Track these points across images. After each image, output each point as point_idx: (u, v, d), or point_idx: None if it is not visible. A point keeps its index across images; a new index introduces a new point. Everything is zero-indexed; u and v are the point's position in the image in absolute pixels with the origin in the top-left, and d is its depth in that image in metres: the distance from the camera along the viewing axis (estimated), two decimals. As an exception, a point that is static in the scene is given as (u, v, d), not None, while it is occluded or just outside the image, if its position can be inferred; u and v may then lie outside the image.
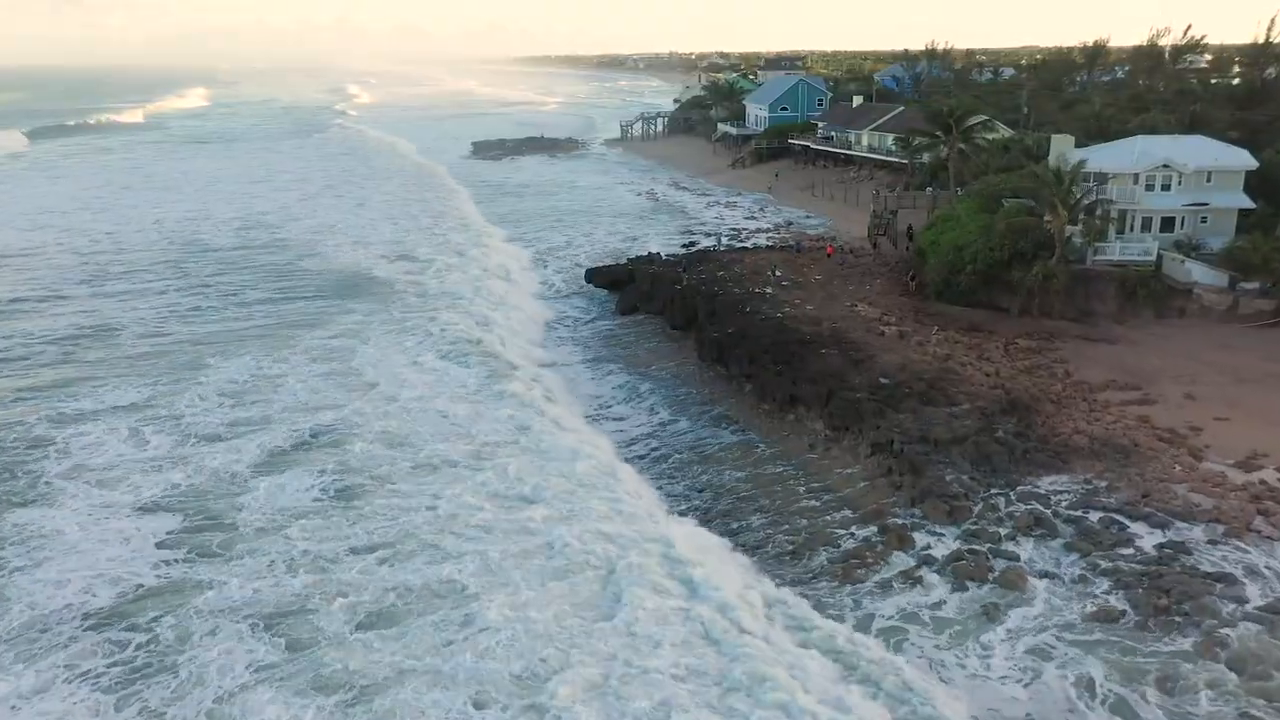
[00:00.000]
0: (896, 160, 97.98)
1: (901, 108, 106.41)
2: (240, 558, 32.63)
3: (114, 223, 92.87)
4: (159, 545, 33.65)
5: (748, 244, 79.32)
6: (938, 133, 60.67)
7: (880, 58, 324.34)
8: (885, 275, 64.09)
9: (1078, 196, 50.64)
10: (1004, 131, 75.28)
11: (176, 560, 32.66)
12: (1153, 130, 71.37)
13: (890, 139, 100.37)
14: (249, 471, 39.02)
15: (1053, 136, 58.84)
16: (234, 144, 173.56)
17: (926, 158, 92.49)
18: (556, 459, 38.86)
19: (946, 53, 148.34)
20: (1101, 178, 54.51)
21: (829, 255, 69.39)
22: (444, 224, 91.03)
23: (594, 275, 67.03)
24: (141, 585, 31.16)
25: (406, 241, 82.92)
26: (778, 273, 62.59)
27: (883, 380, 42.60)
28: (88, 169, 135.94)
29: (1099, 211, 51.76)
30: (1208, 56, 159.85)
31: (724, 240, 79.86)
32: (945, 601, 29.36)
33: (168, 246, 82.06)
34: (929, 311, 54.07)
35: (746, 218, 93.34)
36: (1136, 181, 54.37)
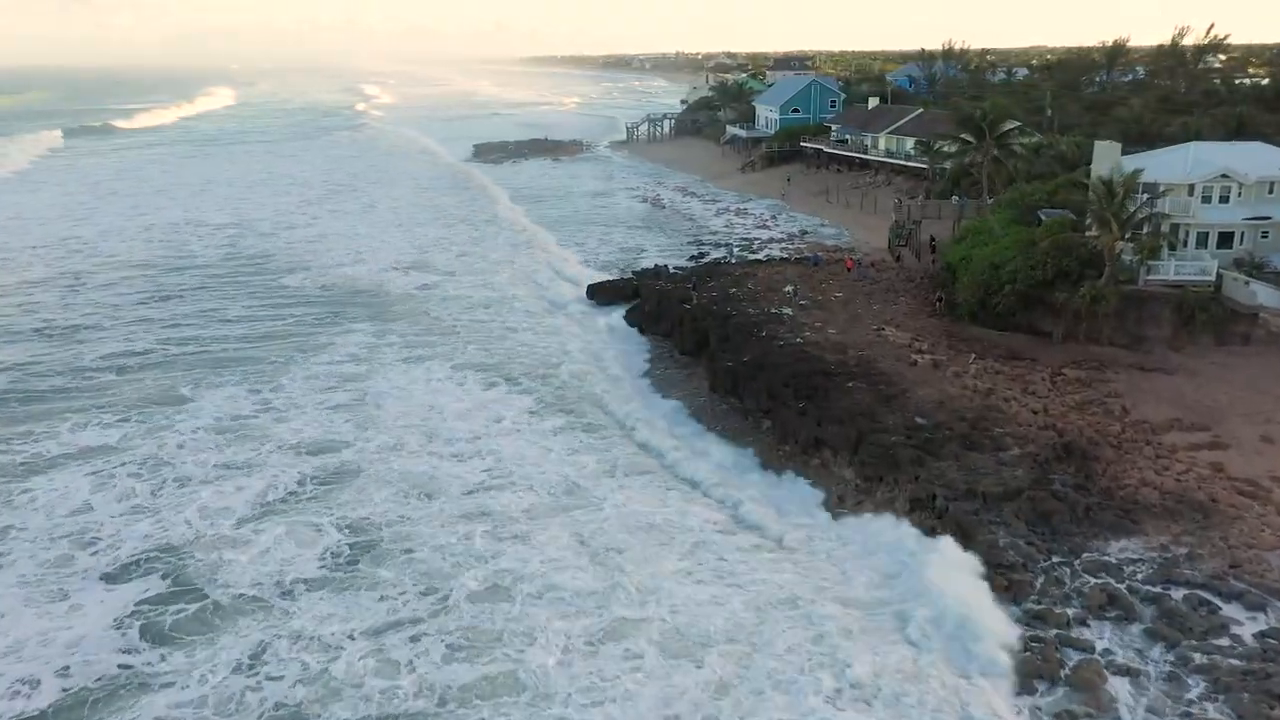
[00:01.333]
0: (916, 165, 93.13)
1: (920, 110, 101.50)
2: (218, 641, 28.02)
3: (103, 228, 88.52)
4: (118, 624, 29.06)
5: (760, 255, 74.49)
6: (967, 137, 55.48)
7: (889, 58, 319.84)
8: (911, 292, 59.22)
9: (1131, 210, 45.70)
10: (1029, 136, 70.10)
11: (139, 647, 28.02)
12: (1197, 135, 66.52)
13: (909, 143, 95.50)
14: (237, 528, 34.46)
15: (1096, 143, 53.89)
16: (275, 144, 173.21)
17: (949, 163, 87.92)
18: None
19: (964, 52, 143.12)
20: (1151, 188, 49.56)
21: (849, 269, 64.54)
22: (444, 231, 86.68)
23: (596, 291, 62.24)
24: (92, 682, 26.45)
25: (406, 249, 78.61)
26: (795, 290, 57.79)
27: (919, 420, 37.74)
28: (105, 170, 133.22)
29: (1154, 227, 46.81)
30: (1221, 56, 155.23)
31: (735, 251, 75.03)
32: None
33: (182, 256, 77.79)
34: (963, 336, 49.16)
35: (758, 226, 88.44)
36: (1191, 193, 49.43)
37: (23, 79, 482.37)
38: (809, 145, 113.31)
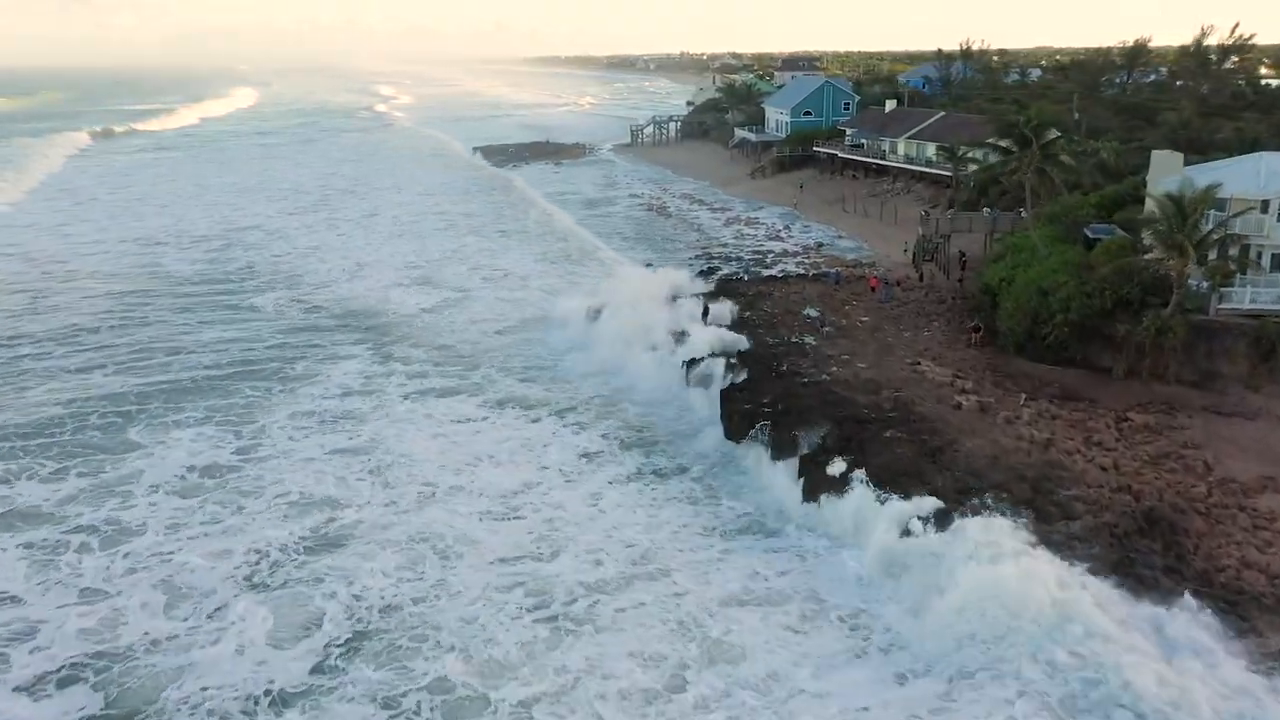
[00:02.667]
0: (938, 172, 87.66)
1: (941, 113, 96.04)
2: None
3: (85, 238, 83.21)
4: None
5: (774, 270, 69.08)
6: (1009, 146, 50.01)
7: (895, 58, 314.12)
8: (943, 316, 53.80)
9: (1204, 231, 40.26)
10: (1077, 144, 64.38)
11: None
12: (1255, 143, 61.06)
13: (930, 148, 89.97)
14: (203, 620, 28.90)
15: (1154, 153, 48.47)
16: (308, 144, 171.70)
17: (985, 173, 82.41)
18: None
19: (982, 53, 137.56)
20: (1219, 204, 44.09)
21: (872, 289, 59.12)
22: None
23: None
24: None
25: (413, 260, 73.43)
26: (821, 318, 52.45)
27: (972, 482, 32.31)
28: (131, 173, 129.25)
29: (1225, 249, 41.37)
30: (1233, 57, 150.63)
31: (748, 267, 69.51)
32: None
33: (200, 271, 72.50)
34: (1009, 372, 43.73)
35: (770, 237, 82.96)
36: (1266, 209, 43.93)
37: (30, 80, 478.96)
38: (822, 150, 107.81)
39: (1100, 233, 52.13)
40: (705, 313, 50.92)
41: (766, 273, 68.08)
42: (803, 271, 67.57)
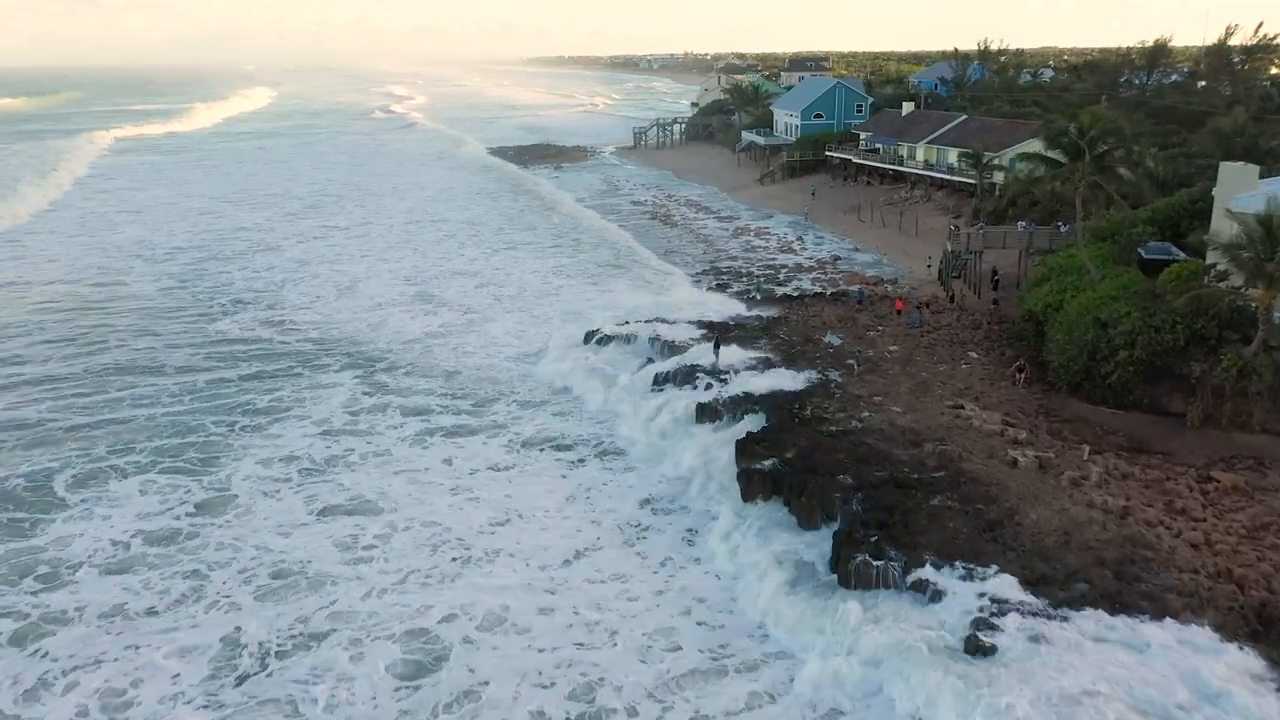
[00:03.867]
0: (960, 180, 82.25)
1: (963, 116, 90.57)
2: None
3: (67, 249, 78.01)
4: None
5: (789, 288, 63.67)
6: (1057, 157, 44.48)
7: (900, 58, 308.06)
8: (979, 344, 48.38)
9: (1295, 258, 34.80)
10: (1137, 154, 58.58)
11: None
12: (1319, 150, 55.55)
13: (952, 154, 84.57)
14: None
15: (1223, 165, 42.98)
16: (330, 142, 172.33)
17: (1000, 178, 77.14)
18: None
19: (1000, 53, 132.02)
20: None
21: (898, 312, 53.71)
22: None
23: (593, 337, 51.34)
24: None
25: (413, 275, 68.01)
26: (838, 341, 47.18)
27: (1043, 567, 26.88)
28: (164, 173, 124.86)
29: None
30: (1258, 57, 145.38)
31: (760, 284, 64.06)
32: None
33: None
34: (1064, 416, 38.28)
35: (782, 249, 77.51)
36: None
37: (45, 79, 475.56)
38: (835, 155, 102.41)
39: (1155, 253, 46.78)
40: (717, 346, 45.46)
41: (780, 290, 62.69)
42: (820, 290, 62.15)
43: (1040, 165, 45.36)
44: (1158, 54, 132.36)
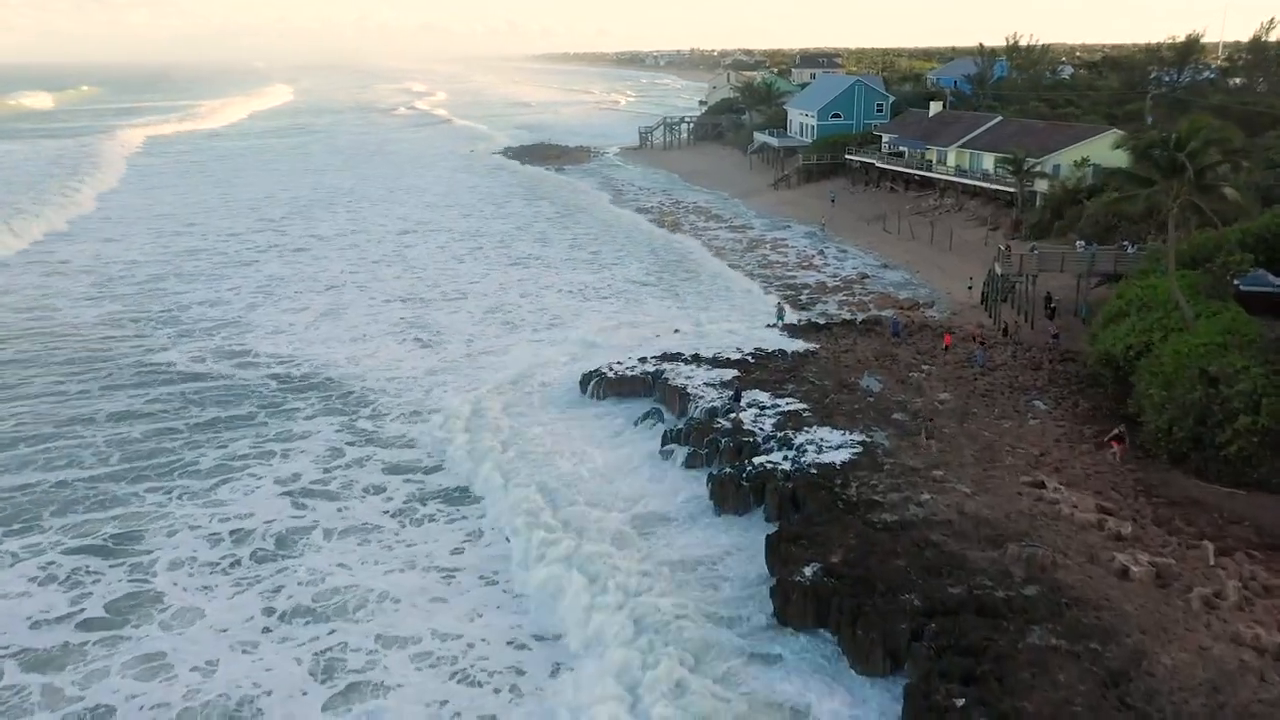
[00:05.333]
0: (997, 188, 74.88)
1: (998, 117, 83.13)
2: None
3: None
4: None
5: (813, 313, 56.45)
6: (1148, 174, 37.04)
7: (912, 54, 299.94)
8: (1046, 389, 41.12)
9: None
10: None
11: None
12: None
13: (988, 159, 77.19)
14: None
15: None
16: (374, 136, 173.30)
17: (1043, 185, 69.82)
18: None
19: (1030, 49, 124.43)
20: None
21: (946, 347, 46.47)
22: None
23: (590, 380, 44.12)
24: None
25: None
26: (877, 386, 40.01)
27: (1199, 753, 19.65)
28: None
29: None
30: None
31: (780, 309, 56.57)
32: None
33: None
34: (1170, 496, 30.95)
35: (802, 264, 70.24)
36: None
37: (57, 75, 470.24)
38: (855, 158, 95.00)
39: (1255, 284, 39.53)
40: (737, 397, 38.26)
41: (804, 315, 55.43)
42: (849, 315, 54.88)
43: (1126, 181, 37.85)
44: (1189, 50, 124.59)
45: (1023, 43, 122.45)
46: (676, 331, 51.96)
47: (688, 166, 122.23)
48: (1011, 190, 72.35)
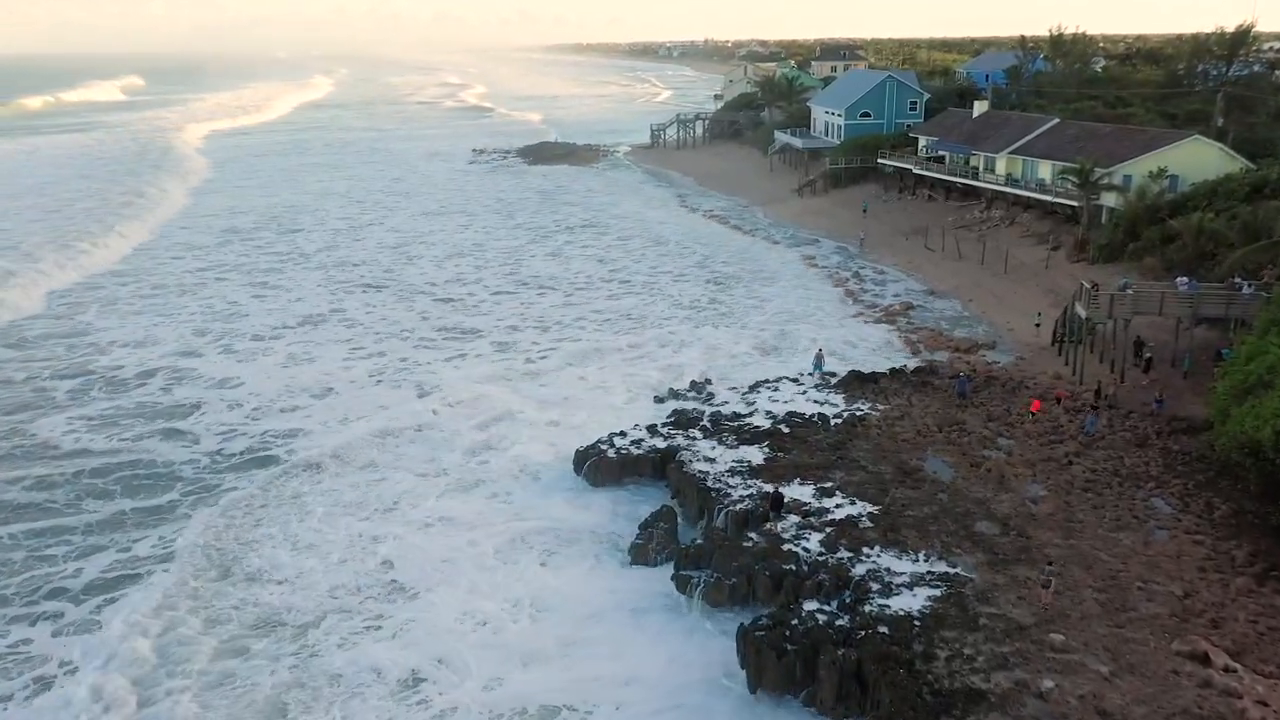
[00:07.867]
0: (1056, 201, 65.85)
1: (1054, 119, 73.85)
2: None
3: None
4: None
5: (854, 357, 47.67)
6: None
7: (932, 45, 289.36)
8: (1161, 478, 32.32)
9: None
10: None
11: None
12: None
13: (1044, 168, 68.12)
14: None
15: None
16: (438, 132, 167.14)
17: (1111, 199, 60.76)
18: None
19: (1074, 39, 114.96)
20: None
21: (1033, 414, 37.63)
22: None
23: (587, 463, 35.50)
24: None
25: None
26: (947, 474, 31.29)
27: None
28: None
29: None
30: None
31: (817, 361, 47.20)
32: None
33: None
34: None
35: (839, 296, 61.12)
36: None
37: (91, 65, 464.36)
38: (888, 163, 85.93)
39: None
40: (777, 505, 29.50)
41: (844, 363, 46.59)
42: (898, 365, 45.94)
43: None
44: (1239, 41, 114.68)
45: (1067, 32, 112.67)
46: (693, 384, 43.41)
47: (703, 168, 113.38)
48: (1073, 203, 63.36)
